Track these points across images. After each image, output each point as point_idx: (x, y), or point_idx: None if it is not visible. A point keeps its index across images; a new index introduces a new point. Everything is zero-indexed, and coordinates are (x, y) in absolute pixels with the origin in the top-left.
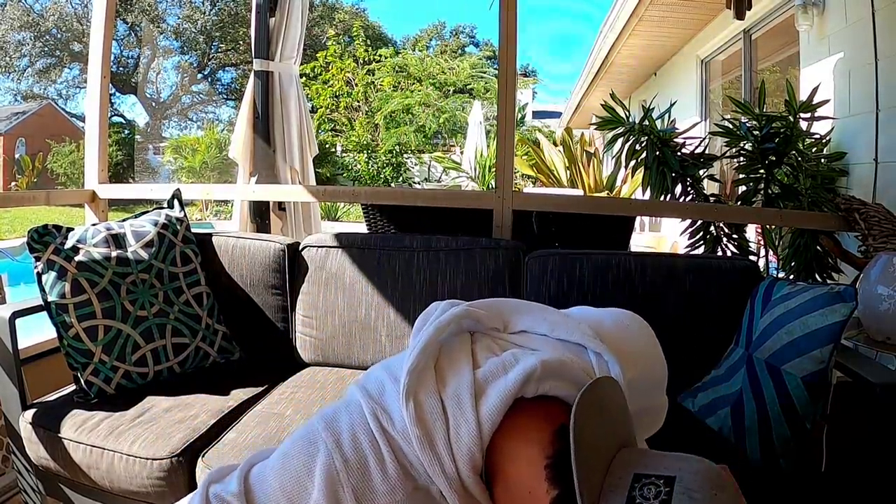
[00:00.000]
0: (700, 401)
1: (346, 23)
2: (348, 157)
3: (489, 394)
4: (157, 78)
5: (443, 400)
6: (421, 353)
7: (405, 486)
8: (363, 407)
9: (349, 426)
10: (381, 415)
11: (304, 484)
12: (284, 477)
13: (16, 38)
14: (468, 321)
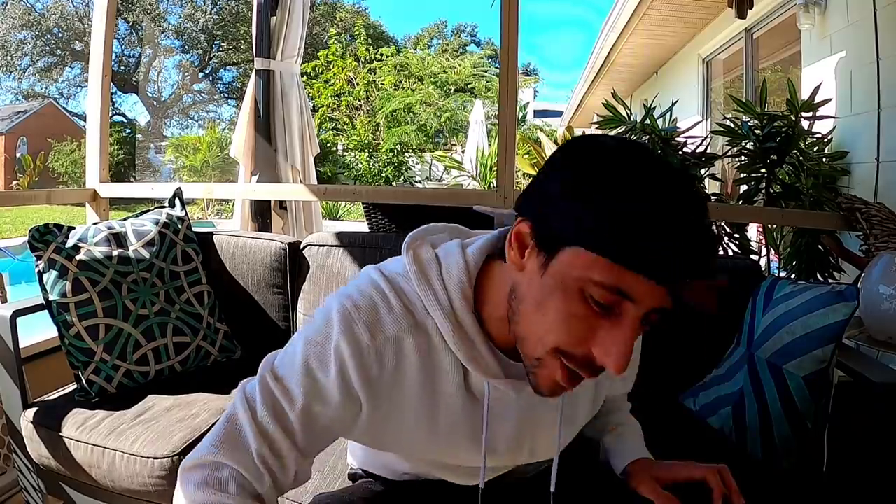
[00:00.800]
0: (701, 400)
1: (348, 21)
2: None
3: (475, 241)
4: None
5: (436, 252)
6: (417, 230)
7: (407, 318)
8: (368, 270)
9: (356, 286)
10: (384, 269)
11: (324, 331)
12: (308, 332)
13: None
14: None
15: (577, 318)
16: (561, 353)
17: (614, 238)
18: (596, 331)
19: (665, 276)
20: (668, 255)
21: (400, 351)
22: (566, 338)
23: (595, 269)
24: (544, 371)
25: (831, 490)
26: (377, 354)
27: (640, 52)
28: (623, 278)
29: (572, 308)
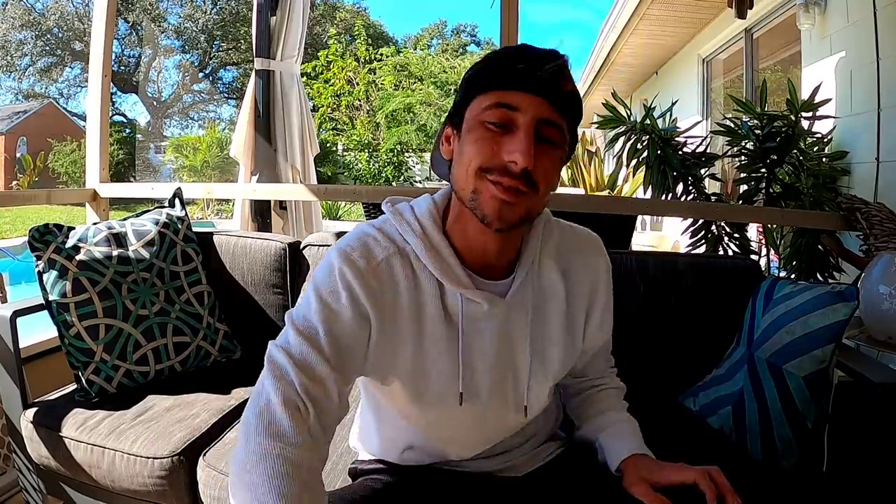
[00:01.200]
0: (701, 400)
1: (348, 22)
2: (349, 156)
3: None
4: (158, 77)
5: (410, 202)
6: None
7: (391, 246)
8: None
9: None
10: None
11: (328, 270)
12: (315, 278)
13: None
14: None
15: (484, 140)
16: (483, 171)
17: (483, 74)
18: (502, 144)
19: (524, 81)
20: (513, 63)
21: (391, 272)
22: (482, 156)
23: (483, 102)
24: (482, 197)
25: (831, 490)
26: (375, 274)
27: (640, 52)
28: (501, 96)
29: (480, 135)
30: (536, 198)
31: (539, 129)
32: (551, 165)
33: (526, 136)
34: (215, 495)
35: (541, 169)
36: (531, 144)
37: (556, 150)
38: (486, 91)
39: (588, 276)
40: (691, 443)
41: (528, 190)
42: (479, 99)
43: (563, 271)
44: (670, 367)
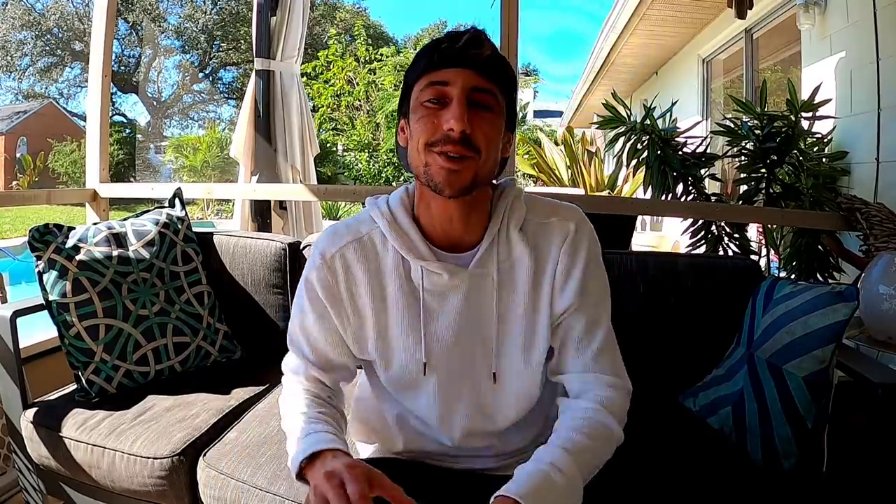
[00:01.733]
0: (701, 400)
1: (348, 22)
2: (349, 156)
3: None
4: (158, 77)
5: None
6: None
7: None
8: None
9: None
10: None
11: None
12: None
13: (17, 38)
14: None
15: (425, 117)
16: (429, 145)
17: (415, 63)
18: (440, 117)
19: (448, 58)
20: (437, 45)
21: (345, 262)
22: (426, 132)
23: (419, 86)
24: (432, 169)
25: (831, 490)
26: (328, 269)
27: (640, 52)
28: (431, 76)
29: (421, 114)
30: (480, 161)
31: (472, 97)
32: (490, 128)
33: (458, 104)
34: (215, 495)
35: (479, 132)
36: (464, 110)
37: (492, 114)
38: (419, 77)
39: (556, 242)
40: (691, 443)
41: (471, 154)
42: (416, 86)
43: (530, 243)
44: (670, 367)
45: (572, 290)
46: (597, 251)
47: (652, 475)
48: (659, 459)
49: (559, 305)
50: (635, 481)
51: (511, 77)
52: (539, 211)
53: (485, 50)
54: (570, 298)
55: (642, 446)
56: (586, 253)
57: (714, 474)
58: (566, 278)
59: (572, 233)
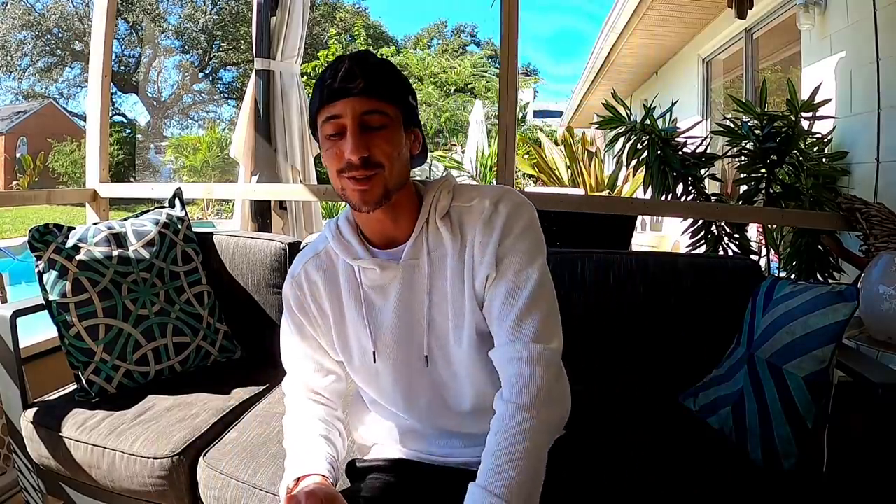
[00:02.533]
0: (701, 400)
1: (348, 22)
2: None
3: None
4: (158, 77)
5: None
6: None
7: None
8: None
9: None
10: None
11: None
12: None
13: (17, 38)
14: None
15: (331, 150)
16: (340, 172)
17: (315, 94)
18: (342, 147)
19: (334, 93)
20: (323, 82)
21: (308, 276)
22: (333, 162)
23: (320, 119)
24: (347, 192)
25: (831, 490)
26: (297, 285)
27: (640, 52)
28: (328, 110)
29: (327, 147)
30: (386, 173)
31: (364, 121)
32: (386, 143)
33: (351, 134)
34: (215, 495)
35: (377, 150)
36: (357, 139)
37: (386, 130)
38: (319, 109)
39: (474, 221)
40: (691, 443)
41: (375, 171)
42: (318, 118)
43: (454, 227)
44: (670, 368)
45: (487, 262)
46: (517, 221)
47: (652, 475)
48: (659, 459)
49: (479, 279)
50: (635, 481)
51: (399, 84)
52: (464, 196)
53: (359, 81)
54: (486, 269)
55: (642, 446)
56: (502, 223)
57: (714, 474)
58: (483, 252)
59: (488, 208)
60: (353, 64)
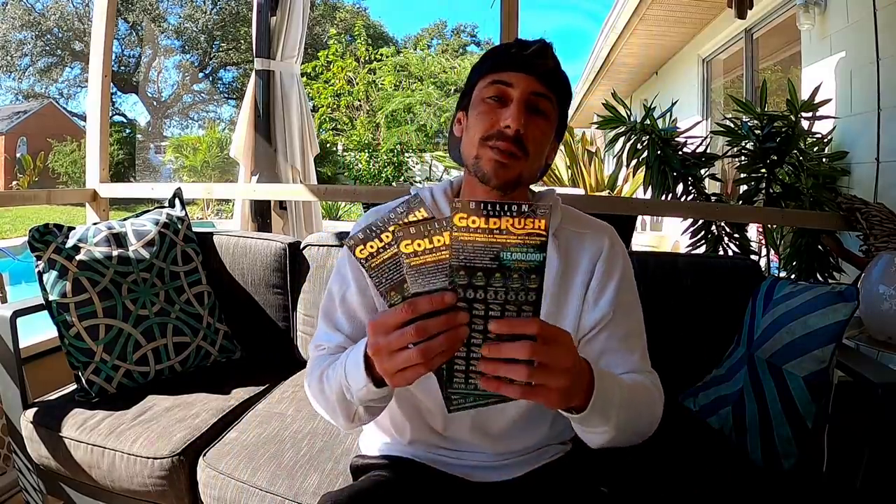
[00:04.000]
0: (701, 400)
1: (348, 22)
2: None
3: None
4: (158, 77)
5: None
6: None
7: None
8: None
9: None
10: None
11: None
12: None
13: (17, 38)
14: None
15: (484, 113)
16: (484, 139)
17: (483, 61)
18: (499, 115)
19: (515, 62)
20: (506, 49)
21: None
22: (483, 126)
23: (483, 83)
24: (483, 161)
25: (831, 490)
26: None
27: (640, 52)
28: (497, 76)
29: (481, 109)
30: (527, 163)
31: (531, 102)
32: (541, 133)
33: (517, 105)
34: (215, 495)
35: (531, 134)
36: (522, 111)
37: (545, 121)
38: (484, 74)
39: (588, 255)
40: (691, 443)
41: (520, 154)
42: (480, 82)
43: (562, 249)
44: (670, 367)
45: (608, 301)
46: (630, 269)
47: (652, 475)
48: (659, 459)
49: (591, 318)
50: (635, 481)
51: (568, 92)
52: (573, 221)
53: (549, 61)
54: (605, 309)
55: (642, 446)
56: (622, 270)
57: (714, 474)
58: (601, 291)
59: (607, 248)
60: (546, 46)
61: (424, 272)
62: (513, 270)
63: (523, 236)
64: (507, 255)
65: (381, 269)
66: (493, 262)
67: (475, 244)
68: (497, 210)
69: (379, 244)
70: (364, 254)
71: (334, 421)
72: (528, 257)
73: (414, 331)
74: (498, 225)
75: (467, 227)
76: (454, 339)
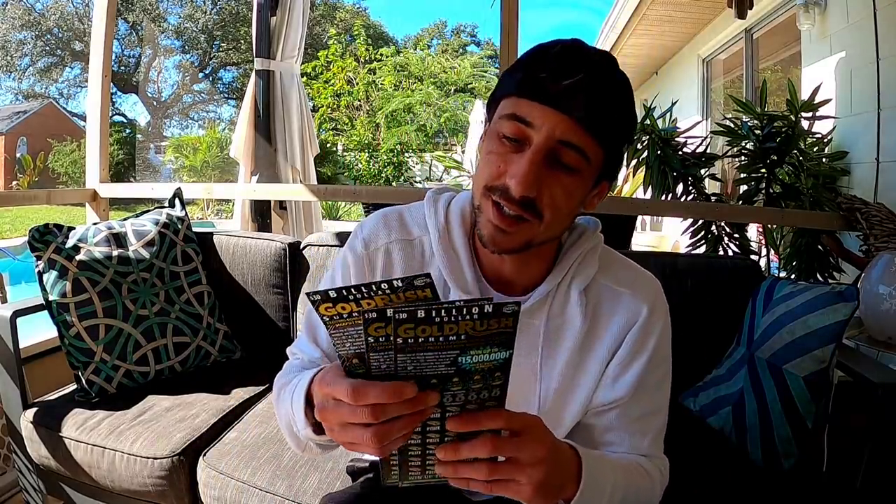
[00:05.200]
0: (701, 400)
1: (348, 22)
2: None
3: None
4: (158, 77)
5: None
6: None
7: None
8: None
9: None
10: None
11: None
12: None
13: (17, 38)
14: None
15: (495, 154)
16: (488, 189)
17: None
18: (509, 164)
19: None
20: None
21: (388, 259)
22: (488, 173)
23: (504, 109)
24: (483, 217)
25: (831, 490)
26: (369, 262)
27: (640, 52)
28: (519, 106)
29: (492, 148)
30: (540, 227)
31: (556, 151)
32: (563, 194)
33: (530, 161)
34: (215, 495)
35: (548, 197)
36: (533, 171)
37: (572, 178)
38: (508, 94)
39: (619, 322)
40: (691, 443)
41: (530, 218)
42: (503, 103)
43: (590, 308)
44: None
45: (628, 383)
46: (667, 340)
47: None
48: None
49: (605, 395)
50: None
51: (625, 122)
52: (611, 274)
53: (581, 101)
54: (623, 391)
55: None
56: (655, 346)
57: (714, 474)
58: (624, 368)
59: (644, 317)
60: (587, 76)
61: (389, 357)
62: (473, 373)
63: (485, 337)
64: (467, 359)
65: (347, 334)
66: (450, 369)
67: (426, 352)
68: (453, 315)
69: (352, 308)
70: (330, 313)
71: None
72: (491, 357)
73: (370, 412)
74: (455, 330)
75: (415, 339)
76: (414, 425)
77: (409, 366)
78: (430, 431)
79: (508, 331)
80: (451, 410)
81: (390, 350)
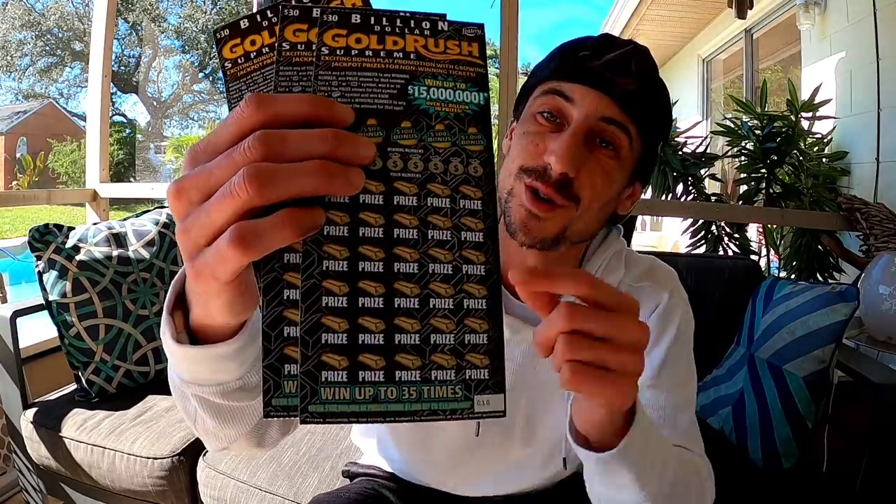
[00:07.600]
0: (701, 400)
1: None
2: None
3: None
4: (158, 77)
5: None
6: None
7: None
8: None
9: None
10: None
11: None
12: None
13: (17, 38)
14: None
15: (531, 134)
16: (523, 171)
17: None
18: (548, 143)
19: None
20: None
21: None
22: (525, 154)
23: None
24: (513, 201)
25: (831, 490)
26: None
27: None
28: (559, 85)
29: (528, 128)
30: (577, 213)
31: (598, 131)
32: (603, 176)
33: (571, 135)
34: (215, 495)
35: (587, 179)
36: (575, 146)
37: (614, 158)
38: (544, 80)
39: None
40: None
41: (566, 203)
42: (536, 89)
43: None
44: None
45: (651, 365)
46: (689, 329)
47: None
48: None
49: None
50: None
51: (664, 118)
52: (633, 272)
53: (630, 80)
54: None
55: None
56: (676, 329)
57: (714, 474)
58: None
59: (665, 302)
60: (635, 56)
61: (307, 73)
62: (433, 118)
63: (445, 63)
64: (421, 90)
65: (254, 84)
66: (397, 103)
67: (361, 72)
68: (398, 26)
69: (265, 39)
70: (236, 53)
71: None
72: (456, 97)
73: (257, 143)
74: (401, 47)
75: (346, 50)
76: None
77: (336, 91)
78: (366, 260)
79: (476, 63)
80: (401, 190)
81: (309, 65)
